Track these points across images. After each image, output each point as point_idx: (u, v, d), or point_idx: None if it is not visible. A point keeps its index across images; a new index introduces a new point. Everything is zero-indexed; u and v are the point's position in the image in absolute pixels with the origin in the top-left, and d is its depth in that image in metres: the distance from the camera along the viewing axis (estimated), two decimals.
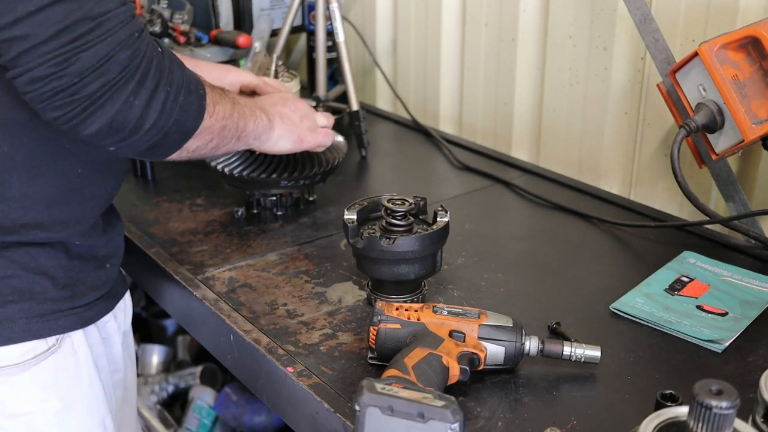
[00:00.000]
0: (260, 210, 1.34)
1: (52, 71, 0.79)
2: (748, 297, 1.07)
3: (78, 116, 0.82)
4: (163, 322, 2.15)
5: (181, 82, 0.90)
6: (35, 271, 0.95)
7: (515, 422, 0.85)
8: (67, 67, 0.79)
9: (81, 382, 1.02)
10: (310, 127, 1.22)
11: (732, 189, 1.24)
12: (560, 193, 1.42)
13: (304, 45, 2.00)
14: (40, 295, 0.95)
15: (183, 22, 1.56)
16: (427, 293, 1.08)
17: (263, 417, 1.82)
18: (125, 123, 0.85)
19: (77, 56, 0.79)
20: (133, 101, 0.84)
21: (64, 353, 0.99)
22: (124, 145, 0.88)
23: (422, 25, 1.78)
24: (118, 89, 0.82)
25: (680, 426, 0.64)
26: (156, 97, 0.86)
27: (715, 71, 1.08)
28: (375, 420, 0.73)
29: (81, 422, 1.02)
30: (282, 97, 1.23)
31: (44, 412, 0.98)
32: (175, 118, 0.89)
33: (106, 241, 1.05)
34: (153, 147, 0.90)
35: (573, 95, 1.49)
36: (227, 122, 1.00)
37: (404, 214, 1.03)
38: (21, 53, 0.79)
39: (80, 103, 0.81)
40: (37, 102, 0.81)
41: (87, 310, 1.01)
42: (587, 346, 0.91)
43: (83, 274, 1.01)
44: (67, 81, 0.79)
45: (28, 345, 0.95)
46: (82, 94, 0.80)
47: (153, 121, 0.87)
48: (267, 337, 1.00)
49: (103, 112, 0.82)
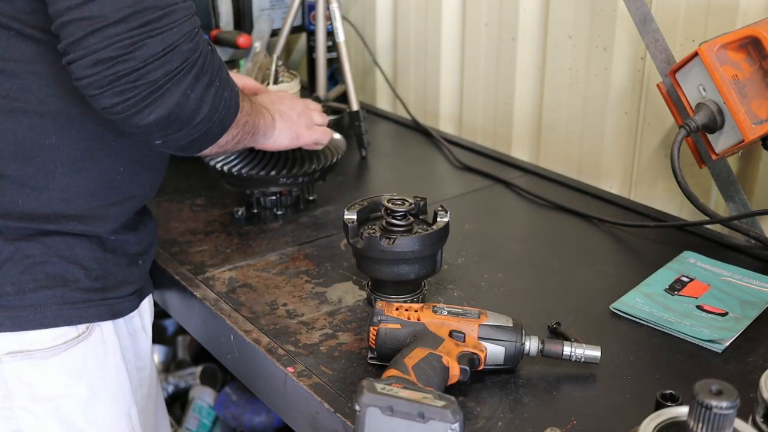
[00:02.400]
0: (260, 210, 1.34)
1: (118, 53, 0.80)
2: (748, 297, 1.07)
3: (138, 104, 0.83)
4: (163, 322, 2.15)
5: (228, 79, 0.93)
6: (70, 260, 0.97)
7: (515, 422, 0.85)
8: (133, 51, 0.80)
9: (108, 371, 1.03)
10: (307, 123, 1.23)
11: (732, 189, 1.24)
12: (560, 193, 1.42)
13: (304, 45, 2.00)
14: (73, 284, 0.97)
15: None
16: (427, 293, 1.08)
17: (263, 417, 1.82)
18: (181, 115, 0.87)
19: (144, 41, 0.80)
20: (189, 94, 0.86)
21: (93, 342, 1.00)
22: (172, 138, 0.90)
23: (422, 25, 1.78)
24: (178, 80, 0.84)
25: (680, 426, 0.64)
26: (209, 92, 0.88)
27: (715, 71, 1.08)
28: (375, 420, 0.73)
29: (107, 410, 1.03)
30: (278, 95, 1.24)
31: (72, 397, 1.00)
32: (220, 113, 0.92)
33: (138, 239, 1.06)
34: (195, 141, 0.93)
35: (573, 95, 1.49)
36: (249, 118, 1.04)
37: (404, 214, 1.03)
38: (88, 34, 0.79)
39: (142, 90, 0.82)
40: (96, 87, 0.82)
41: (117, 304, 1.03)
42: (587, 346, 0.91)
43: (116, 269, 1.02)
44: (132, 65, 0.80)
45: (59, 331, 0.96)
46: (145, 80, 0.82)
47: (204, 115, 0.89)
48: (267, 337, 1.00)
49: (162, 102, 0.84)
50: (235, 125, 0.98)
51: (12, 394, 0.96)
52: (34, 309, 0.94)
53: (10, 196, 0.93)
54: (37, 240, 0.94)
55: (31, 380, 0.96)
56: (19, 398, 0.96)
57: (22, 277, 0.94)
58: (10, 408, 0.96)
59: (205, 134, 0.93)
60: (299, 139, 1.22)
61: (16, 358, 0.95)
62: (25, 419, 0.97)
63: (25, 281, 0.94)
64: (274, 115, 1.16)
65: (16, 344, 0.94)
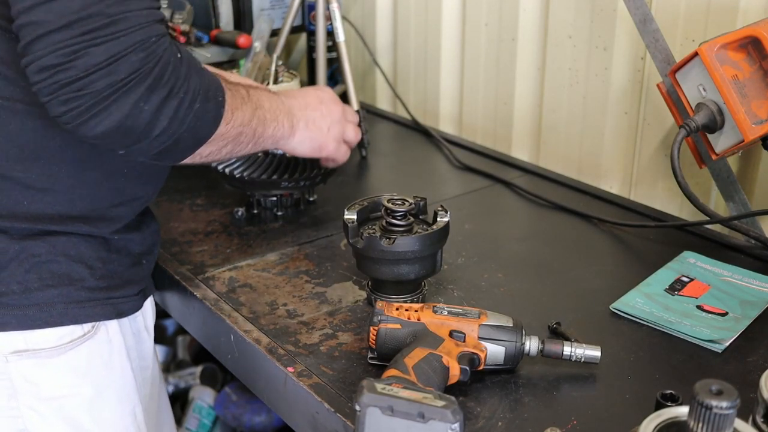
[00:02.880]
0: (260, 210, 1.34)
1: (60, 61, 0.78)
2: (748, 297, 1.07)
3: (83, 115, 0.81)
4: (163, 322, 2.15)
5: (197, 89, 0.88)
6: (75, 259, 0.96)
7: (515, 422, 0.85)
8: (75, 59, 0.78)
9: (114, 370, 1.03)
10: (336, 137, 1.20)
11: (732, 189, 1.24)
12: (560, 193, 1.42)
13: (304, 45, 2.00)
14: (78, 283, 0.97)
15: (183, 22, 1.56)
16: (427, 293, 1.08)
17: (263, 417, 1.82)
18: (133, 128, 0.83)
19: (86, 50, 0.78)
20: (143, 106, 0.82)
21: (98, 341, 1.00)
22: (133, 149, 0.87)
23: (422, 25, 1.78)
24: (126, 92, 0.81)
25: (680, 426, 0.64)
26: (168, 104, 0.84)
27: (715, 71, 1.08)
28: (375, 420, 0.73)
29: (112, 410, 1.03)
30: (318, 97, 1.20)
31: (77, 396, 1.00)
32: (188, 126, 0.88)
33: (141, 239, 1.06)
34: (163, 152, 0.90)
35: (573, 95, 1.49)
36: (244, 129, 1.00)
37: (404, 214, 1.03)
38: (34, 39, 0.78)
39: (86, 100, 0.80)
40: (44, 95, 0.80)
41: (122, 303, 1.02)
42: (587, 346, 0.91)
43: (120, 269, 1.02)
44: (73, 74, 0.78)
45: (64, 329, 0.96)
46: (88, 90, 0.79)
47: (163, 128, 0.85)
48: (267, 337, 1.00)
49: (108, 113, 0.81)
50: (219, 138, 0.95)
51: (18, 394, 0.96)
52: (39, 308, 0.94)
53: (15, 198, 0.93)
54: (43, 239, 0.94)
55: (37, 379, 0.96)
56: (25, 397, 0.96)
57: (28, 275, 0.93)
58: (16, 407, 0.96)
59: (174, 146, 0.89)
60: (322, 151, 1.19)
61: (21, 357, 0.95)
62: (31, 418, 0.97)
63: (31, 280, 0.94)
64: (298, 122, 1.13)
65: (21, 343, 0.94)
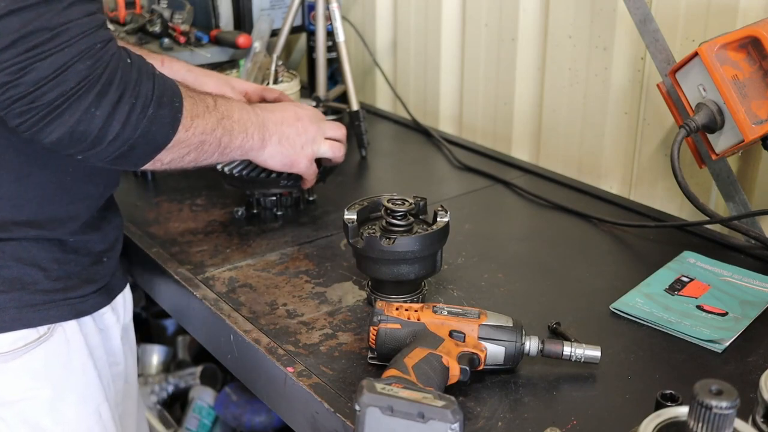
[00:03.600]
0: (260, 210, 1.34)
1: (8, 80, 0.79)
2: (748, 297, 1.07)
3: (37, 124, 0.82)
4: (163, 322, 2.15)
5: (150, 94, 0.88)
6: (27, 263, 0.96)
7: (515, 422, 0.85)
8: (22, 76, 0.79)
9: (73, 370, 1.03)
10: (308, 155, 1.19)
11: (732, 189, 1.24)
12: (560, 193, 1.42)
13: (304, 45, 2.00)
14: (31, 286, 0.96)
15: (183, 22, 1.56)
16: (427, 293, 1.08)
17: (263, 417, 1.82)
18: (86, 133, 0.84)
19: (32, 66, 0.79)
20: (94, 112, 0.83)
21: (55, 342, 1.00)
22: (89, 154, 0.88)
23: (422, 25, 1.78)
24: (77, 99, 0.82)
25: (680, 426, 0.64)
26: (119, 109, 0.85)
27: (715, 71, 1.08)
28: (375, 420, 0.73)
29: (74, 410, 1.03)
30: (296, 114, 1.19)
31: (36, 399, 1.00)
32: (142, 131, 0.88)
33: (101, 237, 1.05)
34: (120, 158, 0.90)
35: (573, 95, 1.49)
36: (207, 137, 0.99)
37: (404, 214, 1.03)
38: None
39: (39, 111, 0.81)
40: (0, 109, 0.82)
41: (81, 303, 1.02)
42: (587, 346, 0.91)
43: (78, 268, 1.01)
44: (23, 90, 0.79)
45: (18, 334, 0.96)
46: (40, 102, 0.80)
47: (116, 133, 0.86)
48: (267, 337, 1.00)
49: (61, 121, 0.82)
50: (179, 144, 0.94)
51: None
52: None
53: None
54: None
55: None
56: None
57: None
58: None
59: (130, 152, 0.89)
60: (293, 168, 1.18)
61: None
62: None
63: None
64: (271, 137, 1.12)
65: None
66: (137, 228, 1.29)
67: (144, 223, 1.31)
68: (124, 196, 1.38)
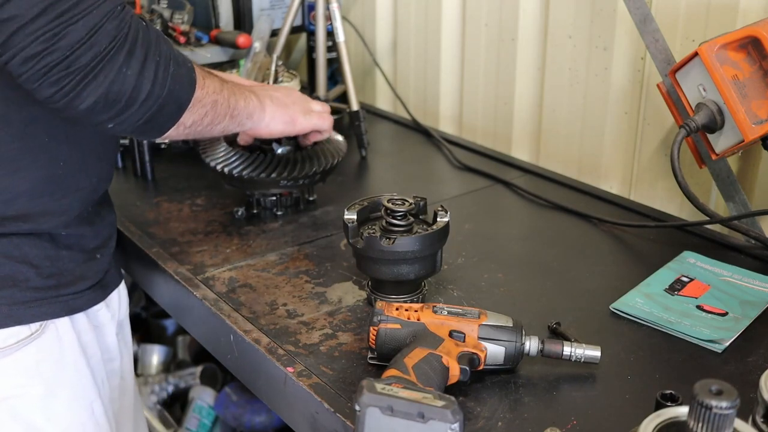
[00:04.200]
0: (260, 210, 1.34)
1: (43, 47, 0.80)
2: (748, 297, 1.07)
3: (74, 89, 0.83)
4: (163, 322, 2.15)
5: (169, 54, 0.91)
6: (19, 260, 0.96)
7: (515, 422, 0.85)
8: (57, 41, 0.80)
9: (66, 367, 1.03)
10: (302, 110, 1.22)
11: (732, 189, 1.24)
12: (560, 193, 1.42)
13: (304, 45, 2.00)
14: (23, 283, 0.97)
15: (183, 22, 1.56)
16: (427, 293, 1.08)
17: (263, 417, 1.82)
18: (120, 93, 0.86)
19: (66, 30, 0.81)
20: (126, 71, 0.85)
21: (47, 339, 1.00)
22: (121, 119, 0.89)
23: (422, 25, 1.78)
24: (110, 59, 0.84)
25: (680, 426, 0.64)
26: (147, 67, 0.88)
27: (715, 71, 1.08)
28: (375, 420, 0.73)
29: (66, 406, 1.03)
30: (274, 86, 1.25)
31: (27, 396, 1.00)
32: (168, 88, 0.91)
33: (94, 233, 1.05)
34: (150, 120, 0.92)
35: (573, 95, 1.49)
36: (218, 96, 1.02)
37: (404, 214, 1.03)
38: (11, 35, 0.80)
39: (75, 75, 0.82)
40: (33, 81, 0.82)
41: (74, 299, 1.02)
42: (587, 346, 0.91)
43: (71, 265, 1.02)
44: (59, 55, 0.81)
45: (9, 331, 0.96)
46: (76, 66, 0.82)
47: (147, 91, 0.88)
48: (267, 337, 1.00)
49: (97, 83, 0.84)
50: (198, 103, 0.97)
51: None
52: None
53: None
54: None
55: None
56: None
57: None
58: None
59: (160, 113, 0.92)
60: (295, 125, 1.20)
61: None
62: None
63: None
64: (264, 99, 1.15)
65: None
66: (137, 228, 1.29)
67: (144, 223, 1.31)
68: (124, 196, 1.38)
